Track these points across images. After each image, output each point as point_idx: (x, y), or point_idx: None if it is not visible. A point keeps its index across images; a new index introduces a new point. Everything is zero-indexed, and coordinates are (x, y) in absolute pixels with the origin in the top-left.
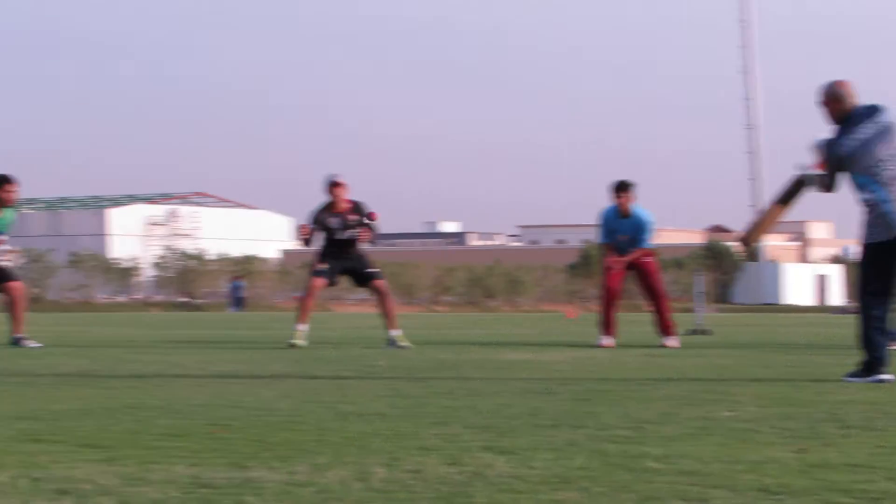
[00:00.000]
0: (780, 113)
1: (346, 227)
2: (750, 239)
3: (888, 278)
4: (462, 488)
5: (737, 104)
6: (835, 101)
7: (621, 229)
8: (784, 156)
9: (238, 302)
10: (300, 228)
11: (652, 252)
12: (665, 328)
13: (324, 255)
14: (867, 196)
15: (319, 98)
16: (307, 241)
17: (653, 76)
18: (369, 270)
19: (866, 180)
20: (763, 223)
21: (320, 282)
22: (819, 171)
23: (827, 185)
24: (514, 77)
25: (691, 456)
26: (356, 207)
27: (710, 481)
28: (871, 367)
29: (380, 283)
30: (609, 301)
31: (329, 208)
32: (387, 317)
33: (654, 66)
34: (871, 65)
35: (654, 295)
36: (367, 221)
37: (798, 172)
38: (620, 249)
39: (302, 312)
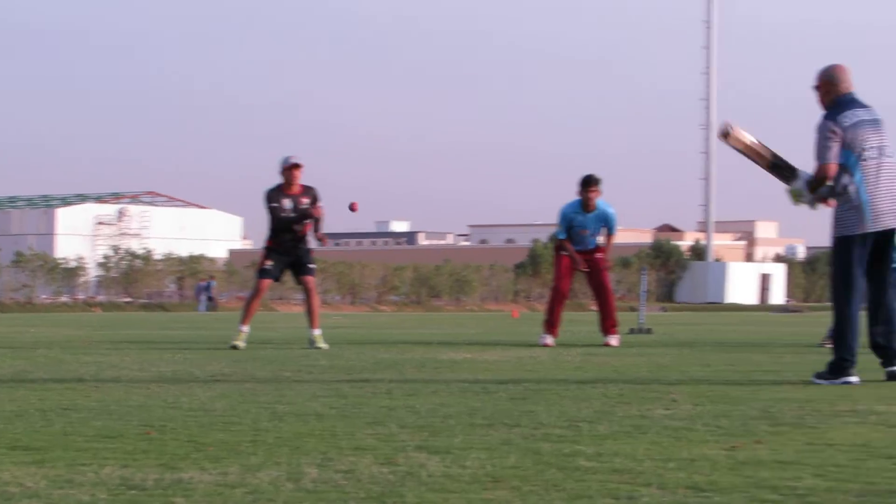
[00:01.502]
0: (734, 114)
1: (298, 210)
2: (731, 134)
3: (859, 274)
4: (393, 488)
5: (692, 104)
6: (829, 83)
7: (584, 224)
8: (734, 155)
9: (210, 301)
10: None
11: (606, 249)
12: (608, 326)
13: (270, 249)
14: (846, 180)
15: (271, 96)
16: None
17: (605, 75)
18: (309, 266)
19: (853, 162)
20: (755, 151)
21: (267, 282)
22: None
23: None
24: (465, 76)
25: (624, 454)
26: (309, 192)
27: (640, 479)
28: (838, 368)
29: (310, 279)
30: (557, 300)
31: (282, 189)
32: (311, 315)
33: (607, 65)
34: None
35: (601, 292)
36: (312, 212)
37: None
38: (578, 244)
39: (246, 314)
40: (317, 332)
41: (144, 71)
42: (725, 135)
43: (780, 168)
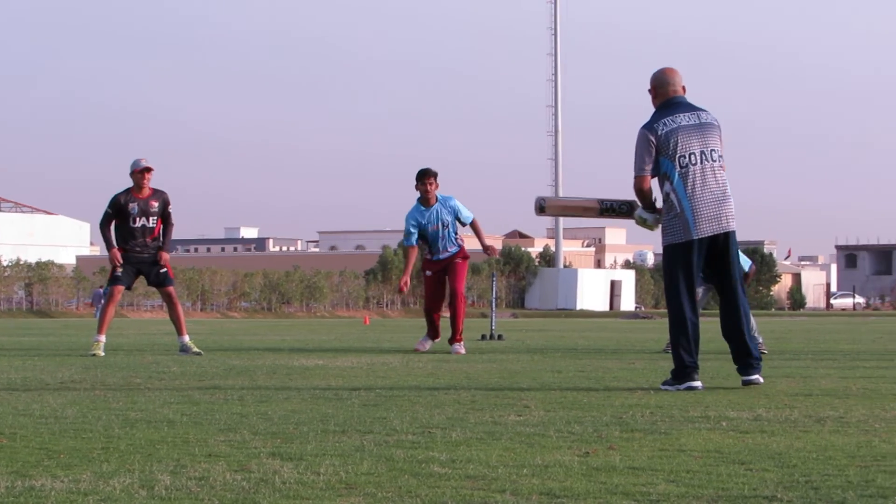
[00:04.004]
0: (578, 121)
1: (145, 213)
2: (545, 208)
3: (691, 281)
4: (247, 495)
5: (539, 111)
6: (658, 86)
7: (430, 220)
8: (582, 162)
9: None
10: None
11: (467, 254)
12: (455, 334)
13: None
14: (668, 188)
15: (119, 102)
16: None
17: (455, 84)
18: (163, 272)
19: (671, 168)
20: (578, 207)
21: (120, 289)
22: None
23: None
24: (316, 83)
25: (477, 460)
26: (158, 196)
27: (494, 486)
28: (680, 374)
29: (170, 289)
30: (432, 313)
31: (131, 193)
32: (176, 323)
33: (457, 73)
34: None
35: (453, 298)
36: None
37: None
38: (434, 241)
39: (102, 322)
40: (186, 338)
41: None
42: (541, 210)
43: (612, 210)
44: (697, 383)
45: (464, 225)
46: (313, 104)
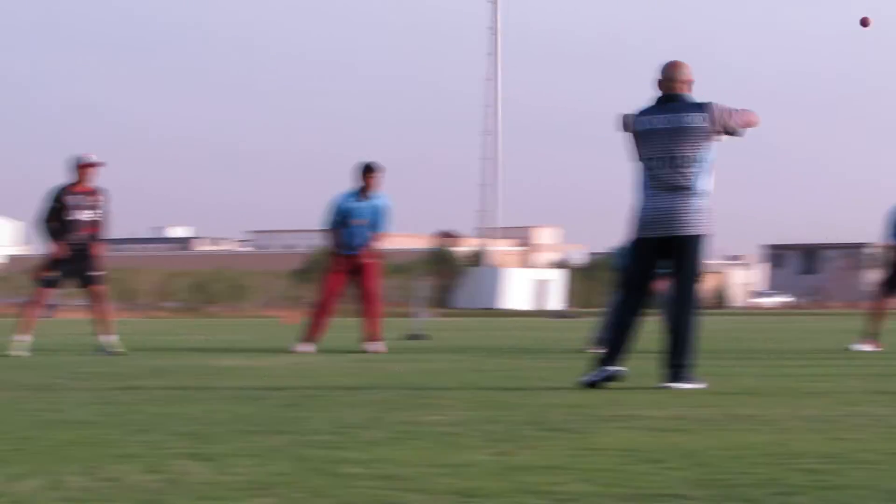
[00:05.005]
0: (516, 121)
1: (85, 208)
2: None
3: (632, 276)
4: (159, 496)
5: (471, 110)
6: (663, 79)
7: (360, 213)
8: (519, 162)
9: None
10: None
11: (378, 254)
12: (372, 333)
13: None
14: (635, 185)
15: (45, 98)
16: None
17: (388, 84)
18: (94, 273)
19: (638, 167)
20: None
21: (49, 291)
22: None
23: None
24: (246, 80)
25: (392, 460)
26: (99, 193)
27: (408, 485)
28: (597, 361)
29: (99, 287)
30: (328, 303)
31: (72, 186)
32: (102, 322)
33: (390, 72)
34: (610, 81)
35: (370, 298)
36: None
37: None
38: (353, 235)
39: (25, 323)
40: (111, 337)
41: None
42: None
43: None
44: (612, 369)
45: (376, 231)
46: (243, 102)
